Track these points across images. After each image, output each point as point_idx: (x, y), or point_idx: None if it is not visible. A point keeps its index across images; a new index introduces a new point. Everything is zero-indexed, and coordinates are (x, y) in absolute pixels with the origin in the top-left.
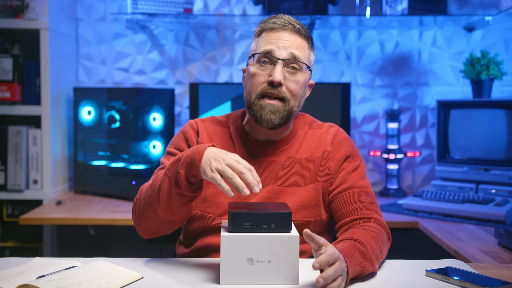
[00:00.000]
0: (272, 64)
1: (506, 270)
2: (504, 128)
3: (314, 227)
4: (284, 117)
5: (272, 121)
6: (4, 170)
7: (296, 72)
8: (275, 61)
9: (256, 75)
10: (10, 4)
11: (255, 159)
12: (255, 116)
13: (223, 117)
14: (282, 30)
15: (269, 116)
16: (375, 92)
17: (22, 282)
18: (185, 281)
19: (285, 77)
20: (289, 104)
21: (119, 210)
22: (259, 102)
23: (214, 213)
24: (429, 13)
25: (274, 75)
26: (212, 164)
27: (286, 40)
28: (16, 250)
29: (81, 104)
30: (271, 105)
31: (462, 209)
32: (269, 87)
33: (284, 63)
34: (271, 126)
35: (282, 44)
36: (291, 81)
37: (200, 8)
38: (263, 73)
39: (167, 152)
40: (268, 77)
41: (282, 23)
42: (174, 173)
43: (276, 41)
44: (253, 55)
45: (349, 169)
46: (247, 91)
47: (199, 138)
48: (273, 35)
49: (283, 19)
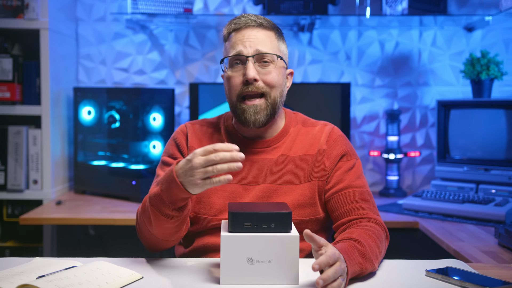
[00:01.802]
0: (243, 64)
1: (506, 270)
2: (504, 128)
3: (311, 226)
4: (269, 112)
5: (258, 121)
6: (4, 170)
7: (268, 65)
8: (244, 59)
9: (231, 78)
10: (10, 4)
11: (246, 157)
12: (240, 120)
13: (214, 119)
14: (245, 28)
15: (253, 117)
16: (375, 92)
17: (22, 282)
18: (185, 281)
19: (258, 72)
20: (271, 97)
21: (119, 210)
22: (241, 105)
23: (209, 214)
24: (429, 13)
25: (247, 72)
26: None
27: (251, 36)
28: (16, 250)
29: (81, 104)
30: (253, 106)
31: (462, 209)
32: (245, 87)
33: (254, 59)
34: (259, 126)
35: (247, 42)
36: (265, 74)
37: (200, 8)
38: (237, 75)
39: (161, 161)
40: (242, 77)
41: (244, 22)
42: (164, 213)
43: (241, 40)
44: (223, 60)
45: (345, 168)
46: (228, 96)
47: (188, 141)
48: (238, 35)
49: (244, 18)
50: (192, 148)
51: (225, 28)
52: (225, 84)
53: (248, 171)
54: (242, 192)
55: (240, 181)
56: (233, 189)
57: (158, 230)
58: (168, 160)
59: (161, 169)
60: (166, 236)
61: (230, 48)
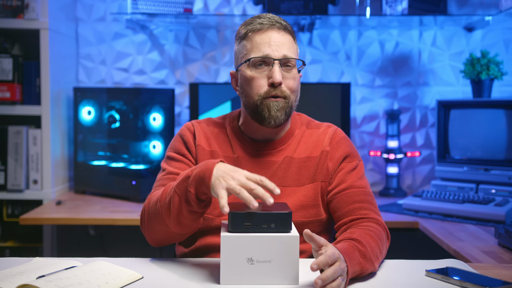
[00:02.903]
0: (267, 65)
1: (506, 270)
2: (504, 128)
3: (314, 227)
4: (288, 112)
5: (279, 118)
6: (4, 170)
7: (291, 69)
8: (271, 62)
9: (254, 78)
10: (10, 4)
11: (252, 159)
12: (262, 116)
13: (219, 118)
14: (271, 29)
15: (276, 114)
16: (375, 92)
17: (22, 282)
18: (185, 281)
19: (283, 76)
20: (290, 100)
21: (119, 210)
22: (265, 101)
23: (213, 214)
24: (429, 13)
25: (274, 76)
26: (222, 183)
27: (277, 40)
28: (16, 250)
29: (81, 104)
30: (277, 103)
31: (462, 209)
32: (271, 89)
33: (281, 62)
34: (278, 124)
35: (274, 45)
36: (289, 79)
37: (200, 8)
38: (261, 76)
39: (167, 156)
40: (267, 79)
41: (269, 23)
42: (184, 191)
43: (268, 43)
44: (248, 60)
45: (348, 169)
46: (247, 95)
47: (196, 140)
48: (263, 36)
49: (268, 18)
50: (200, 146)
51: (244, 26)
52: (241, 83)
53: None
54: None
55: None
56: None
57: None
58: (174, 156)
59: (166, 164)
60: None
61: (255, 48)
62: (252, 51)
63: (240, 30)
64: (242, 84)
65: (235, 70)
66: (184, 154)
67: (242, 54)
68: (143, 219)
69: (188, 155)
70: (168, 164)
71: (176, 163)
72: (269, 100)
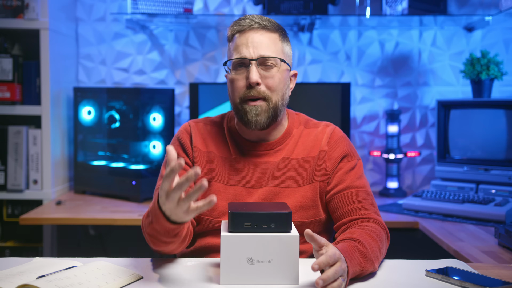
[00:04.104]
0: (246, 67)
1: (506, 270)
2: (504, 128)
3: (313, 228)
4: (271, 115)
5: (259, 122)
6: (4, 170)
7: (271, 68)
8: (248, 63)
9: (234, 80)
10: (10, 4)
11: (249, 160)
12: (243, 121)
13: (217, 117)
14: (250, 30)
15: (255, 118)
16: (375, 92)
17: (22, 282)
18: (185, 281)
19: (261, 76)
20: (272, 101)
21: (119, 210)
22: (243, 106)
23: (211, 215)
24: (429, 13)
25: (250, 76)
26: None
27: (255, 40)
28: (16, 250)
29: (81, 104)
30: (255, 107)
31: (462, 209)
32: (248, 90)
33: (257, 62)
34: (261, 127)
35: (251, 45)
36: (268, 78)
37: (200, 8)
38: (240, 77)
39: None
40: (245, 80)
41: (248, 24)
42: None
43: (245, 44)
44: (227, 63)
45: (346, 168)
46: (231, 97)
47: (193, 141)
48: (242, 37)
49: (248, 20)
50: (197, 148)
51: (229, 29)
52: (228, 86)
53: (251, 174)
54: (245, 194)
55: (243, 184)
56: (236, 191)
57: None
58: None
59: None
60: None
61: (234, 50)
62: (232, 53)
63: (227, 32)
64: (228, 87)
65: None
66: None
67: (228, 57)
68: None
69: (185, 157)
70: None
71: None
72: (247, 104)
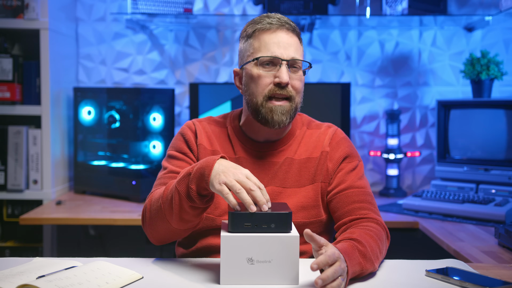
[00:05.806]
0: (274, 65)
1: (506, 270)
2: (504, 128)
3: (314, 228)
4: (292, 115)
5: (283, 122)
6: (4, 170)
7: (297, 70)
8: (279, 62)
9: (261, 77)
10: (10, 4)
11: (253, 160)
12: (265, 119)
13: (220, 117)
14: (280, 30)
15: (280, 117)
16: (375, 92)
17: (22, 282)
18: (185, 281)
19: (290, 77)
20: (295, 102)
21: (119, 210)
22: (268, 104)
23: (214, 214)
24: (429, 13)
25: (281, 76)
26: (221, 178)
27: (285, 40)
28: (16, 250)
29: (81, 104)
30: (281, 107)
31: (462, 209)
32: (277, 89)
33: (289, 63)
34: (282, 127)
35: (282, 45)
36: (295, 80)
37: (200, 8)
38: (267, 75)
39: (168, 155)
40: (273, 78)
41: (279, 23)
42: (185, 187)
43: (276, 43)
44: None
45: (347, 169)
46: (252, 93)
47: (198, 139)
48: (272, 36)
49: (277, 19)
50: (202, 145)
51: (252, 25)
52: (246, 81)
53: (254, 173)
54: None
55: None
56: None
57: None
58: (176, 154)
59: (167, 163)
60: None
61: (263, 47)
62: (260, 50)
63: (247, 28)
64: (247, 82)
65: (239, 68)
66: (185, 153)
67: (249, 53)
68: (145, 216)
69: (190, 153)
70: (169, 162)
71: (177, 162)
72: (272, 102)
